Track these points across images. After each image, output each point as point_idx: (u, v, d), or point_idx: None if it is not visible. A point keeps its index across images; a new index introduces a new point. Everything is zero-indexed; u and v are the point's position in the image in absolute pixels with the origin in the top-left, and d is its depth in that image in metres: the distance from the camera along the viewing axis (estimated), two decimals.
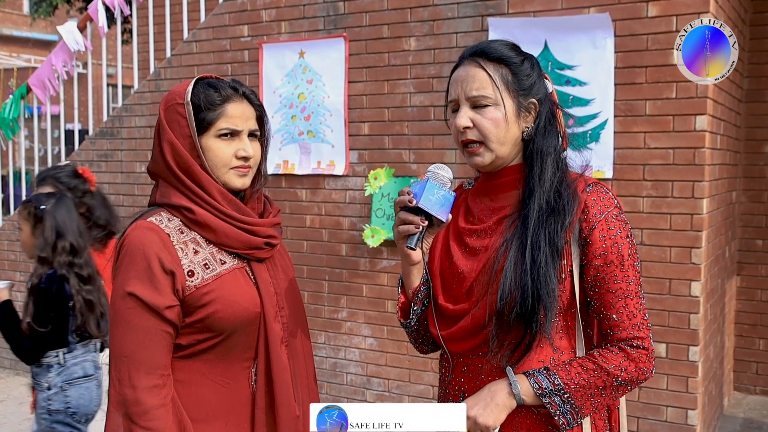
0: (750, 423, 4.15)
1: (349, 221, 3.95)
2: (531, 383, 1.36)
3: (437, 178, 1.40)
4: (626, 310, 1.37)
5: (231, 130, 1.52)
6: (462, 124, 1.42)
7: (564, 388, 1.35)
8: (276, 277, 1.59)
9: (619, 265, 1.37)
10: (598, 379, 1.36)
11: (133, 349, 1.41)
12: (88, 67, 5.19)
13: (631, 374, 1.36)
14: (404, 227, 1.39)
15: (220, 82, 1.54)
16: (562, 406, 1.36)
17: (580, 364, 1.37)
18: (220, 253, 1.51)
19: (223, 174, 1.52)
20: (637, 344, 1.37)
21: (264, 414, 1.52)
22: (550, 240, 1.36)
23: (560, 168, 1.42)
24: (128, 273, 1.42)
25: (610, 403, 1.42)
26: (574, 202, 1.38)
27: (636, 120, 3.25)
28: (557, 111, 1.47)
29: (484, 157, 1.43)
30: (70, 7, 10.48)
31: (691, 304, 3.19)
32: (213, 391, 1.50)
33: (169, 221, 1.49)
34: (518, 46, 1.48)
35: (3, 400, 4.70)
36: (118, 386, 1.40)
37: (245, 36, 4.21)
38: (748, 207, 4.49)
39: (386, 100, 3.83)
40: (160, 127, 1.53)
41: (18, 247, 5.18)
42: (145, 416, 1.38)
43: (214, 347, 1.49)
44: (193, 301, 1.45)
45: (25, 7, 23.18)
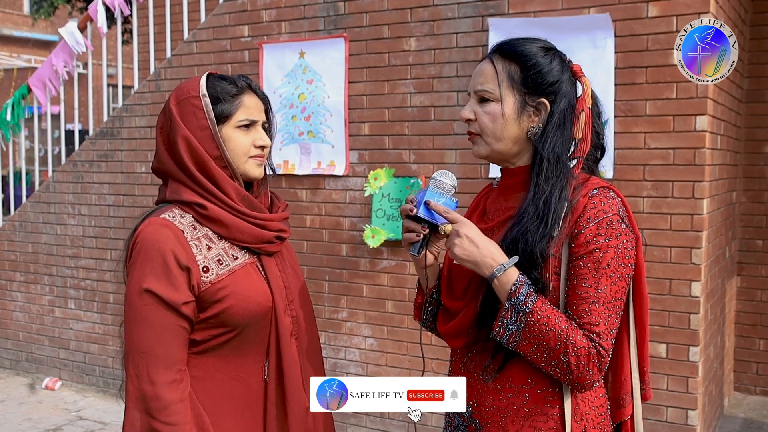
0: (750, 423, 4.14)
1: (350, 221, 3.95)
2: (514, 282, 1.33)
3: (440, 186, 1.43)
4: (588, 316, 1.31)
5: (250, 121, 1.56)
6: (463, 116, 1.45)
7: (528, 314, 1.31)
8: (285, 271, 1.62)
9: (593, 271, 1.32)
10: (555, 339, 1.30)
11: (152, 345, 1.42)
12: (88, 68, 5.18)
13: (575, 366, 1.30)
14: (407, 235, 1.43)
15: (231, 76, 1.58)
16: (511, 324, 1.33)
17: (557, 316, 1.32)
18: (231, 248, 1.53)
19: (243, 163, 1.55)
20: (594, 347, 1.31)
21: (275, 407, 1.54)
22: (522, 247, 1.35)
23: (558, 175, 1.38)
24: (144, 270, 1.44)
25: (537, 364, 1.35)
26: (564, 211, 1.35)
27: (636, 120, 3.25)
28: (576, 115, 1.43)
29: (480, 148, 1.45)
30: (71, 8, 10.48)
31: (691, 304, 3.19)
32: (228, 386, 1.52)
33: (181, 217, 1.51)
34: (548, 47, 1.46)
35: (3, 400, 4.70)
36: (137, 382, 1.41)
37: (245, 36, 4.21)
38: (749, 207, 4.49)
39: (386, 100, 3.83)
40: (171, 123, 1.54)
41: (18, 248, 5.19)
42: (165, 411, 1.40)
43: (228, 342, 1.51)
44: (208, 297, 1.47)
45: (26, 8, 23.18)
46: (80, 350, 4.95)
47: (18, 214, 5.21)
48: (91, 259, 4.87)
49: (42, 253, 5.08)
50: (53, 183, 5.02)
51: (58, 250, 5.01)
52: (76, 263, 4.94)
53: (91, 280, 4.87)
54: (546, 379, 1.38)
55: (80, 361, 4.95)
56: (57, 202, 4.99)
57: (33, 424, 4.28)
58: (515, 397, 1.39)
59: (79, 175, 4.89)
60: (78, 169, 4.90)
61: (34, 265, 5.13)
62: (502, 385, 1.41)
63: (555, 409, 1.38)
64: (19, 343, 5.24)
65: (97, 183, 4.83)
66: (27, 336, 5.20)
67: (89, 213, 4.86)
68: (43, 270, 5.08)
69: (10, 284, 5.25)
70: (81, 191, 4.89)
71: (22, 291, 5.22)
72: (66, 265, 4.98)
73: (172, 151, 1.53)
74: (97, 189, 4.82)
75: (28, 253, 5.14)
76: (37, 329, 5.15)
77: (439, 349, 3.57)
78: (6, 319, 5.29)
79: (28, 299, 5.18)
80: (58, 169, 5.04)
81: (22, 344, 5.23)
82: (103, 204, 4.80)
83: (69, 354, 5.00)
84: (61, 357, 5.04)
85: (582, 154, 1.44)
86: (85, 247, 4.89)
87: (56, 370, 5.07)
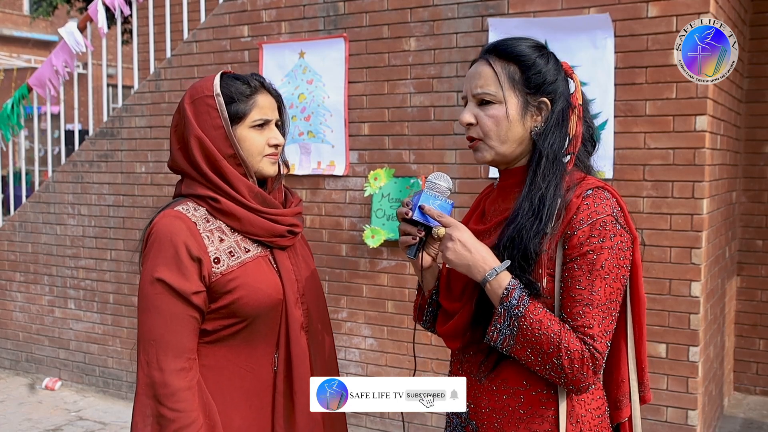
0: (750, 423, 4.14)
1: (349, 221, 3.95)
2: (506, 286, 1.32)
3: (434, 189, 1.43)
4: (582, 318, 1.30)
5: (264, 120, 1.58)
6: (464, 120, 1.43)
7: (520, 318, 1.31)
8: (297, 264, 1.64)
9: (587, 273, 1.31)
10: (548, 342, 1.30)
11: (162, 333, 1.45)
12: (88, 68, 5.18)
13: (569, 369, 1.29)
14: (404, 238, 1.43)
15: (245, 76, 1.60)
16: (504, 328, 1.32)
17: (549, 320, 1.31)
18: (244, 241, 1.56)
19: (258, 162, 1.58)
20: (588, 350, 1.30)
21: (283, 398, 1.56)
22: (516, 244, 1.34)
23: (554, 171, 1.38)
24: (156, 260, 1.47)
25: (532, 368, 1.34)
26: (558, 209, 1.35)
27: (636, 120, 3.25)
28: (571, 111, 1.44)
29: (483, 153, 1.44)
30: (71, 8, 10.48)
31: (691, 304, 3.19)
32: (238, 376, 1.54)
33: (195, 210, 1.54)
34: (540, 45, 1.46)
35: (3, 400, 4.70)
36: (147, 369, 1.45)
37: (245, 36, 4.21)
38: (748, 207, 4.49)
39: (386, 100, 3.83)
40: (185, 122, 1.56)
41: (18, 248, 5.18)
42: (172, 398, 1.42)
43: (238, 333, 1.54)
44: (219, 288, 1.50)
45: (25, 7, 23.18)
46: (80, 350, 4.95)
47: (18, 214, 5.21)
48: (91, 259, 4.87)
49: (42, 253, 5.08)
50: (53, 183, 5.02)
51: (57, 250, 5.01)
52: (76, 263, 4.94)
53: (91, 280, 4.87)
54: (541, 381, 1.38)
55: (80, 361, 4.96)
56: (57, 202, 4.99)
57: (33, 424, 4.27)
58: (510, 398, 1.39)
59: (79, 175, 4.89)
60: (78, 169, 4.90)
61: (34, 265, 5.13)
62: (497, 386, 1.41)
63: (550, 411, 1.38)
64: (19, 343, 5.24)
65: (97, 183, 4.83)
66: (27, 336, 5.20)
67: (89, 213, 4.86)
68: (43, 270, 5.08)
69: (10, 284, 5.25)
70: (81, 191, 4.89)
71: (22, 291, 5.22)
72: (66, 265, 4.98)
73: (186, 150, 1.56)
74: (97, 189, 4.82)
75: (28, 253, 5.14)
76: (37, 329, 5.15)
77: (439, 349, 3.58)
78: (6, 319, 5.29)
79: (28, 299, 5.18)
80: (58, 169, 5.04)
81: (22, 344, 5.23)
82: (103, 204, 4.80)
83: (69, 354, 5.00)
84: (61, 357, 5.04)
85: (575, 150, 1.44)
86: (85, 247, 4.89)
87: (56, 370, 5.07)
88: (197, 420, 1.44)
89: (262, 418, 1.55)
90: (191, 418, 1.43)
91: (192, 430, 1.43)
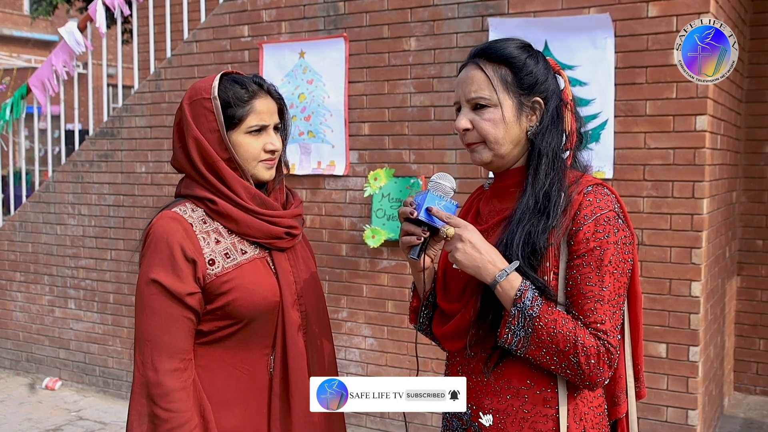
0: (750, 423, 4.15)
1: (350, 221, 3.95)
2: (519, 287, 1.32)
3: (439, 189, 1.42)
4: (594, 314, 1.32)
5: (260, 126, 1.57)
6: (460, 126, 1.43)
7: (535, 319, 1.31)
8: (296, 266, 1.64)
9: (596, 269, 1.33)
10: (564, 341, 1.30)
11: (157, 334, 1.46)
12: (88, 68, 5.18)
13: (586, 366, 1.30)
14: (407, 238, 1.42)
15: (245, 78, 1.59)
16: (518, 329, 1.32)
17: (563, 318, 1.32)
18: (241, 243, 1.56)
19: (253, 167, 1.58)
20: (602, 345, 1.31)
21: (280, 400, 1.56)
22: (525, 241, 1.35)
23: (556, 168, 1.40)
24: (152, 261, 1.48)
25: (547, 367, 1.35)
26: (563, 205, 1.36)
27: (636, 120, 3.25)
28: (564, 109, 1.45)
29: (483, 155, 1.44)
30: (70, 7, 10.48)
31: (691, 304, 3.19)
32: (233, 378, 1.55)
33: (192, 212, 1.54)
34: (526, 44, 1.46)
35: (3, 400, 4.70)
36: (142, 369, 1.46)
37: (245, 36, 4.21)
38: (748, 207, 4.49)
39: (386, 100, 3.83)
40: (183, 122, 1.56)
41: (18, 248, 5.19)
42: (165, 398, 1.43)
43: (234, 334, 1.54)
44: (214, 289, 1.50)
45: (25, 7, 23.17)
46: (80, 350, 4.95)
47: (18, 214, 5.21)
48: (91, 259, 4.87)
49: (42, 253, 5.08)
50: (53, 183, 5.02)
51: (58, 250, 5.01)
52: (76, 263, 4.94)
53: (91, 280, 4.87)
54: (545, 380, 1.38)
55: (80, 361, 4.96)
56: (57, 202, 4.99)
57: (33, 424, 4.28)
58: (514, 398, 1.39)
59: (79, 175, 4.89)
60: (78, 169, 4.90)
61: (34, 265, 5.13)
62: (501, 386, 1.41)
63: (554, 410, 1.38)
64: (19, 343, 5.24)
65: (97, 183, 4.83)
66: (27, 336, 5.21)
67: (89, 213, 4.86)
68: (43, 270, 5.08)
69: (10, 284, 5.25)
70: (81, 191, 4.89)
71: (22, 291, 5.22)
72: (66, 265, 4.98)
73: (185, 149, 1.56)
74: (97, 189, 4.82)
75: (28, 253, 5.14)
76: (37, 329, 5.15)
77: (438, 349, 3.57)
78: (6, 319, 5.29)
79: (28, 299, 5.18)
80: (58, 169, 5.04)
81: (22, 344, 5.23)
82: (103, 204, 4.80)
83: (69, 354, 5.00)
84: (61, 357, 5.04)
85: (572, 146, 1.46)
86: (85, 247, 4.89)
87: (56, 370, 5.07)
88: (191, 420, 1.45)
89: (258, 420, 1.55)
90: (185, 418, 1.44)
91: (185, 430, 1.43)
